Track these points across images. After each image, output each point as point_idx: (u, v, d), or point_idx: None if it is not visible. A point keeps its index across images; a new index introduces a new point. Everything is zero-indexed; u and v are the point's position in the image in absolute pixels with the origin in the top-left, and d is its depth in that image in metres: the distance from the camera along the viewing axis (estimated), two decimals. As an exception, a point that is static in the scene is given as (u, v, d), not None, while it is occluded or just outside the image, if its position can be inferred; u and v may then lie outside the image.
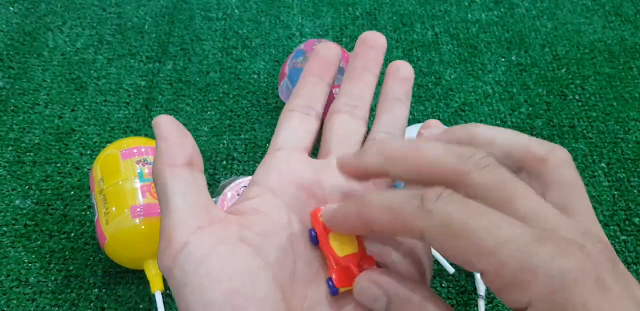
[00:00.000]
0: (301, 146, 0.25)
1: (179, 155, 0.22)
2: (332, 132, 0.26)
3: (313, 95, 0.26)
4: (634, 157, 0.66)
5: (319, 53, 0.27)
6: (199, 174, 0.22)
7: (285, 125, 0.25)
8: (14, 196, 0.59)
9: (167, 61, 0.73)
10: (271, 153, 0.25)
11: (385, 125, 0.27)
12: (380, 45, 0.28)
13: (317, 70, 0.27)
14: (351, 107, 0.27)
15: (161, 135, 0.22)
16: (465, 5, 0.82)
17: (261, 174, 0.24)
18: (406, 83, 0.28)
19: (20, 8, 0.77)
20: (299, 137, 0.25)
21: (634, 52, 0.77)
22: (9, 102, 0.67)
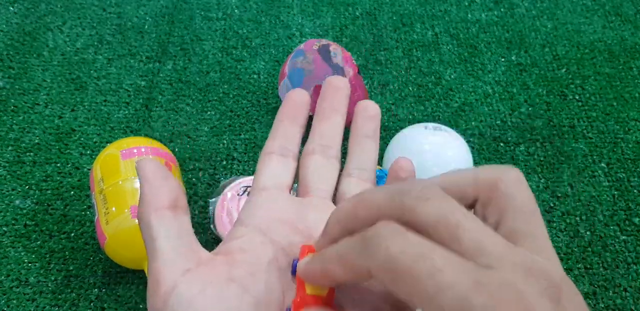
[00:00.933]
0: (283, 185, 0.26)
1: (163, 198, 0.23)
2: (308, 172, 0.27)
3: (288, 137, 0.28)
4: (634, 157, 0.66)
5: (292, 97, 0.29)
6: (184, 216, 0.23)
7: (266, 166, 0.26)
8: (14, 196, 0.59)
9: (167, 61, 0.73)
10: (255, 193, 0.25)
11: (358, 162, 0.28)
12: (344, 87, 0.30)
13: (290, 113, 0.28)
14: (323, 147, 0.28)
15: (145, 178, 0.23)
16: (465, 5, 0.82)
17: (247, 213, 0.25)
18: (374, 120, 0.30)
19: (20, 8, 0.77)
20: (280, 177, 0.26)
21: (634, 52, 0.77)
22: (9, 102, 0.67)
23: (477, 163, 0.64)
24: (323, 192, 0.26)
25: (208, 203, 0.59)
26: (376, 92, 0.71)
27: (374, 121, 0.30)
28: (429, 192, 0.18)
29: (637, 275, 0.56)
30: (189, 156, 0.63)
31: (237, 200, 0.58)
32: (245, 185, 0.59)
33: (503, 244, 0.17)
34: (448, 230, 0.17)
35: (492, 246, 0.17)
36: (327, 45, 0.63)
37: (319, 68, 0.61)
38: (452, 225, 0.17)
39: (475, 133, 0.67)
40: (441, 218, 0.17)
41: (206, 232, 0.57)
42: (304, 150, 0.28)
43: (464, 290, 0.16)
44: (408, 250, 0.16)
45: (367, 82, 0.72)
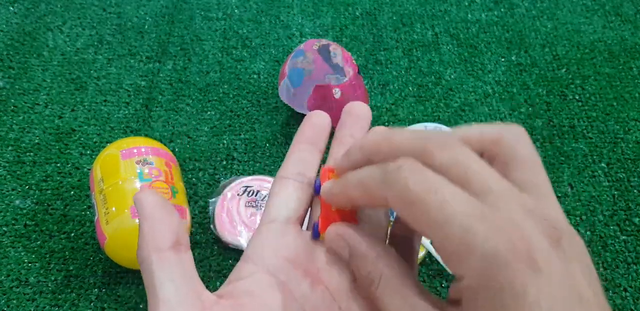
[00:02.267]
0: (294, 217, 0.25)
1: (165, 237, 0.21)
2: None
3: (306, 162, 0.27)
4: (634, 157, 0.66)
5: (312, 120, 0.28)
6: (187, 255, 0.22)
7: (279, 193, 0.25)
8: (14, 196, 0.59)
9: (167, 61, 0.73)
10: (264, 225, 0.24)
11: None
12: (365, 115, 0.29)
13: (310, 137, 0.27)
14: None
15: (144, 215, 0.22)
16: (465, 5, 0.82)
17: (255, 249, 0.24)
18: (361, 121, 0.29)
19: (20, 8, 0.77)
20: (292, 207, 0.25)
21: (634, 52, 0.77)
22: (9, 102, 0.67)
23: (477, 163, 0.64)
24: None
25: (208, 203, 0.59)
26: (376, 92, 0.71)
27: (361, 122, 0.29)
28: (449, 140, 0.20)
29: (637, 275, 0.56)
30: (189, 156, 0.63)
31: (237, 200, 0.58)
32: (245, 185, 0.59)
33: (509, 188, 0.19)
34: (459, 172, 0.19)
35: (498, 189, 0.18)
36: (327, 45, 0.63)
37: (319, 68, 0.61)
38: (463, 167, 0.19)
39: (475, 133, 0.67)
40: (454, 161, 0.19)
41: (206, 231, 0.57)
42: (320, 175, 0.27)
43: (468, 220, 0.17)
44: (423, 183, 0.18)
45: (367, 82, 0.72)
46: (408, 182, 0.18)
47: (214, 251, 0.56)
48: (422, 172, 0.18)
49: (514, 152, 0.21)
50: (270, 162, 0.63)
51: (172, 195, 0.51)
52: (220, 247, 0.57)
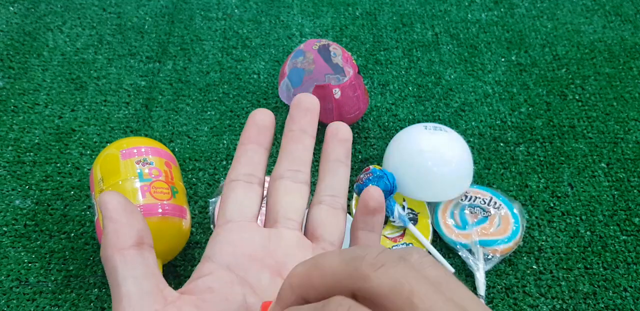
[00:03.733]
0: (250, 215, 0.25)
1: (128, 236, 0.22)
2: (277, 199, 0.26)
3: (253, 162, 0.27)
4: (634, 157, 0.66)
5: (255, 119, 0.27)
6: (149, 253, 0.22)
7: (232, 196, 0.25)
8: (14, 196, 0.59)
9: (167, 61, 0.73)
10: (221, 226, 0.25)
11: (329, 188, 0.27)
12: (314, 108, 0.28)
13: (254, 137, 0.27)
14: (293, 172, 0.27)
15: (108, 216, 0.22)
16: (465, 6, 0.82)
17: (213, 248, 0.24)
18: (345, 144, 0.28)
19: (20, 8, 0.77)
20: (246, 207, 0.25)
21: (634, 52, 0.77)
22: (9, 102, 0.67)
23: (477, 163, 0.64)
24: (292, 223, 0.25)
25: (208, 203, 0.59)
26: (376, 92, 0.71)
27: (346, 144, 0.28)
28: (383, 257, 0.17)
29: (637, 275, 0.56)
30: (189, 156, 0.63)
31: (237, 200, 0.58)
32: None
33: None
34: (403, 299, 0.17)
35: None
36: (327, 45, 0.63)
37: (319, 68, 0.61)
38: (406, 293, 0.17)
39: (475, 133, 0.67)
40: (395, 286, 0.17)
41: (206, 231, 0.57)
42: (272, 175, 0.27)
43: None
44: None
45: (367, 82, 0.72)
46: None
47: (214, 251, 0.56)
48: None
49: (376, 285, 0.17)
50: (270, 162, 0.63)
51: (172, 195, 0.51)
52: (220, 247, 0.56)
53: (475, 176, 0.63)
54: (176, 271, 0.54)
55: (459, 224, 0.57)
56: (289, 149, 0.27)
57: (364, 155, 0.64)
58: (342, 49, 0.63)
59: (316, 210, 0.26)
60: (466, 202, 0.59)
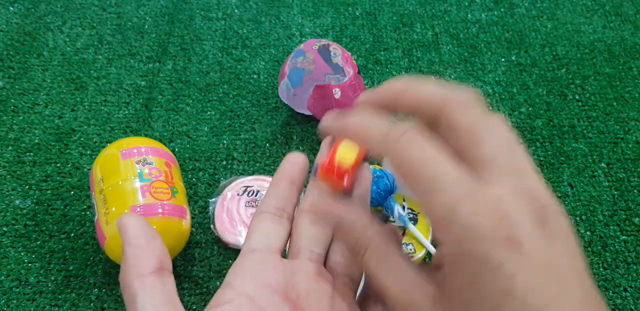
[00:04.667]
0: (275, 247, 0.25)
1: (148, 262, 0.22)
2: (302, 231, 0.26)
3: (285, 197, 0.27)
4: (634, 157, 0.66)
5: (290, 159, 0.28)
6: (169, 278, 0.22)
7: (259, 226, 0.26)
8: (14, 196, 0.59)
9: (167, 61, 0.73)
10: (245, 254, 0.25)
11: None
12: None
13: (288, 175, 0.28)
14: None
15: (127, 240, 0.22)
16: (465, 5, 0.82)
17: (236, 276, 0.24)
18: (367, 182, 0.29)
19: (20, 8, 0.77)
20: (272, 238, 0.25)
21: (634, 52, 0.77)
22: (9, 102, 0.67)
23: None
24: (315, 255, 0.25)
25: (208, 203, 0.59)
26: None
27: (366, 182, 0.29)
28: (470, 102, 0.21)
29: (637, 275, 0.56)
30: (189, 156, 0.63)
31: (237, 200, 0.58)
32: (245, 185, 0.59)
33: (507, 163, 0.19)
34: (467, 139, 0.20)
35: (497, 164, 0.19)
36: (327, 45, 0.63)
37: (319, 68, 0.61)
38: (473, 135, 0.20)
39: (475, 133, 0.67)
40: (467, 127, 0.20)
41: (206, 231, 0.57)
42: (299, 208, 0.27)
43: (454, 197, 0.18)
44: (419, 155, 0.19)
45: (367, 82, 0.72)
46: (404, 152, 0.20)
47: (214, 251, 0.56)
48: (421, 145, 0.20)
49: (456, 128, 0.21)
50: (270, 162, 0.63)
51: (172, 195, 0.51)
52: (220, 247, 0.57)
53: (475, 176, 0.63)
54: (176, 272, 0.54)
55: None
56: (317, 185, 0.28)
57: (364, 155, 0.64)
58: (342, 49, 0.63)
59: (337, 246, 0.27)
60: (466, 202, 0.59)
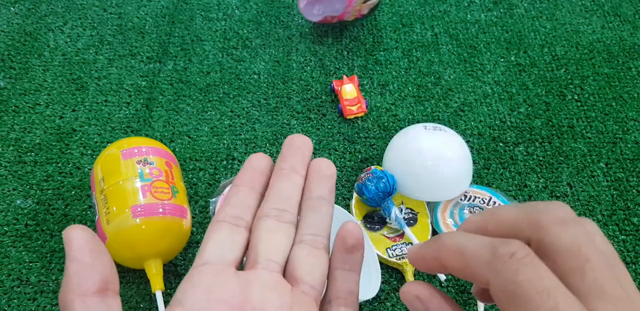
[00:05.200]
0: (229, 259, 0.24)
1: (92, 281, 0.20)
2: (260, 239, 0.25)
3: (244, 205, 0.26)
4: (632, 157, 0.66)
5: (251, 163, 0.27)
6: (114, 300, 0.21)
7: (214, 237, 0.24)
8: (15, 196, 0.59)
9: (167, 61, 0.73)
10: (197, 267, 0.23)
11: (312, 227, 0.26)
12: (306, 147, 0.28)
13: (249, 180, 0.27)
14: (279, 211, 0.26)
15: (71, 256, 0.20)
16: (465, 6, 0.82)
17: (185, 292, 0.22)
18: (330, 180, 0.28)
19: (21, 8, 0.78)
20: (228, 250, 0.24)
21: (633, 52, 0.77)
22: (10, 102, 0.67)
23: (476, 163, 0.64)
24: (273, 265, 0.24)
25: (208, 203, 0.59)
26: (376, 92, 0.71)
27: (330, 181, 0.27)
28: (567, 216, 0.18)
29: (636, 275, 0.57)
30: (189, 156, 0.64)
31: (237, 199, 0.58)
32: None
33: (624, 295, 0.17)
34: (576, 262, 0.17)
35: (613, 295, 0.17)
36: None
37: None
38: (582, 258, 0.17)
39: (474, 133, 0.67)
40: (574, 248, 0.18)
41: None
42: (258, 213, 0.26)
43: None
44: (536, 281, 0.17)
45: (367, 82, 0.72)
46: (519, 275, 0.17)
47: (214, 250, 0.56)
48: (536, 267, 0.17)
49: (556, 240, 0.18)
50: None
51: (172, 194, 0.51)
52: (220, 247, 0.57)
53: (475, 176, 0.63)
54: (176, 271, 0.54)
55: (459, 224, 0.57)
56: (277, 187, 0.27)
57: (364, 155, 0.65)
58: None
59: (297, 250, 0.25)
60: (465, 201, 0.59)
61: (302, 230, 0.26)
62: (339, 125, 0.67)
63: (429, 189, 0.57)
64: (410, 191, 0.58)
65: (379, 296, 0.54)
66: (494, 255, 0.18)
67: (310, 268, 0.24)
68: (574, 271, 0.17)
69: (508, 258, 0.17)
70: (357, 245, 0.25)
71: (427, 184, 0.57)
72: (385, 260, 0.55)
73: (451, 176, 0.57)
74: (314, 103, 0.69)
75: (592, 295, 0.17)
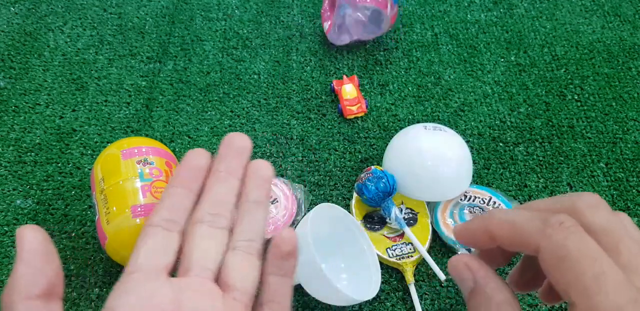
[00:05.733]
0: (162, 266, 0.24)
1: (39, 285, 0.20)
2: (193, 245, 0.25)
3: (178, 207, 0.25)
4: (632, 157, 0.66)
5: (190, 163, 0.26)
6: (57, 305, 0.21)
7: (148, 242, 0.24)
8: (15, 196, 0.59)
9: (167, 61, 0.73)
10: (128, 274, 0.23)
11: (247, 232, 0.26)
12: (246, 148, 0.27)
13: (185, 180, 0.26)
14: (213, 216, 0.25)
15: (21, 257, 0.20)
16: (465, 6, 0.82)
17: (116, 300, 0.22)
18: (267, 184, 0.27)
19: (21, 8, 0.78)
20: (161, 256, 0.24)
21: (633, 52, 0.77)
22: (10, 102, 0.67)
23: (476, 163, 0.64)
24: (206, 272, 0.24)
25: (208, 203, 0.59)
26: (376, 92, 0.71)
27: (267, 185, 0.27)
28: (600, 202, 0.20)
29: (635, 275, 0.56)
30: (189, 156, 0.63)
31: (237, 199, 0.58)
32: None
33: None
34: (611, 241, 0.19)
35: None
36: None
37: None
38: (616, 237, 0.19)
39: (474, 133, 0.67)
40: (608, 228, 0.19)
41: (206, 231, 0.58)
42: (192, 217, 0.26)
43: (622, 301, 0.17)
44: (583, 248, 0.18)
45: (367, 82, 0.72)
46: (568, 241, 0.19)
47: (214, 250, 0.56)
48: (583, 236, 0.19)
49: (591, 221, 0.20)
50: (270, 162, 0.63)
51: (172, 194, 0.51)
52: (220, 247, 0.57)
53: (475, 176, 0.63)
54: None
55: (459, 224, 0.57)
56: (212, 191, 0.26)
57: (364, 155, 0.65)
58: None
59: (230, 256, 0.25)
60: (465, 201, 0.59)
61: (236, 235, 0.26)
62: (339, 125, 0.67)
63: (429, 189, 0.57)
64: (410, 191, 0.58)
65: (379, 296, 0.54)
66: (545, 223, 0.20)
67: (243, 275, 0.25)
68: (610, 249, 0.19)
69: (558, 225, 0.19)
70: (292, 252, 0.25)
71: (427, 184, 0.57)
72: (385, 260, 0.55)
73: (451, 176, 0.57)
74: (314, 103, 0.69)
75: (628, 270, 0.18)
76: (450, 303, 0.54)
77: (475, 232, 0.22)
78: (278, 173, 0.63)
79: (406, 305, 0.54)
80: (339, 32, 0.71)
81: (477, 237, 0.22)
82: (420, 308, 0.53)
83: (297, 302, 0.53)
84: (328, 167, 0.63)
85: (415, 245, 0.55)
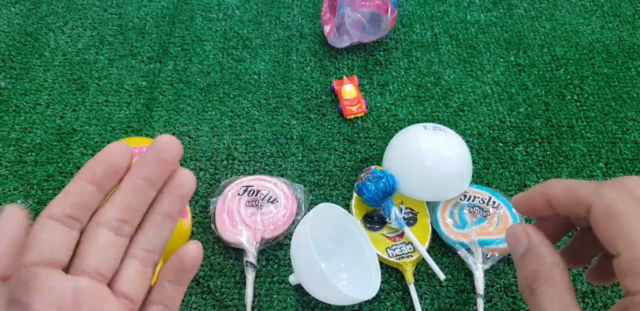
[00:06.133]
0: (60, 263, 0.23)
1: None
2: (91, 248, 0.24)
3: (84, 205, 0.24)
4: (632, 157, 0.66)
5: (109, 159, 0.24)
6: None
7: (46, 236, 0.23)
8: (15, 196, 0.59)
9: (168, 61, 0.73)
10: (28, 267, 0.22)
11: (149, 243, 0.25)
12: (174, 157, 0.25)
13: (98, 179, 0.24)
14: (120, 223, 0.24)
15: None
16: (465, 6, 0.82)
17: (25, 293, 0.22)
18: (184, 200, 0.26)
19: (21, 9, 0.78)
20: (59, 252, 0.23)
21: (632, 52, 0.77)
22: (10, 102, 0.67)
23: (476, 163, 0.65)
24: (100, 277, 0.24)
25: (209, 202, 0.59)
26: (376, 92, 0.71)
27: (184, 201, 0.26)
28: None
29: (634, 274, 0.57)
30: (189, 156, 0.64)
31: (237, 199, 0.58)
32: (245, 185, 0.59)
33: None
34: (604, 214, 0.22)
35: None
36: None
37: None
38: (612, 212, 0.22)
39: (474, 133, 0.68)
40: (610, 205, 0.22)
41: (207, 231, 0.58)
42: (96, 217, 0.24)
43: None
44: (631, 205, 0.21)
45: (366, 82, 0.72)
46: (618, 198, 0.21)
47: (214, 250, 0.57)
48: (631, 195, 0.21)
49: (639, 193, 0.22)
50: (271, 162, 0.64)
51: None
52: (220, 246, 0.57)
53: (474, 176, 0.63)
54: (177, 271, 0.55)
55: (458, 223, 0.58)
56: (126, 197, 0.25)
57: (364, 155, 0.65)
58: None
59: (127, 264, 0.25)
60: (465, 201, 0.59)
61: (137, 244, 0.25)
62: (339, 125, 0.67)
63: (428, 189, 0.57)
64: (410, 191, 0.58)
65: (378, 296, 0.54)
66: (598, 185, 0.22)
67: (137, 285, 0.25)
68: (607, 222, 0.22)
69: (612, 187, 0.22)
70: (192, 269, 0.25)
71: (427, 184, 0.57)
72: (385, 259, 0.55)
73: (451, 176, 0.57)
74: (314, 103, 0.69)
75: None
76: (450, 302, 0.54)
77: (534, 197, 0.25)
78: (278, 173, 0.63)
79: (406, 304, 0.54)
80: (339, 34, 0.71)
81: (535, 204, 0.25)
82: (420, 307, 0.53)
83: (297, 302, 0.54)
84: (328, 167, 0.63)
85: (415, 245, 0.55)
